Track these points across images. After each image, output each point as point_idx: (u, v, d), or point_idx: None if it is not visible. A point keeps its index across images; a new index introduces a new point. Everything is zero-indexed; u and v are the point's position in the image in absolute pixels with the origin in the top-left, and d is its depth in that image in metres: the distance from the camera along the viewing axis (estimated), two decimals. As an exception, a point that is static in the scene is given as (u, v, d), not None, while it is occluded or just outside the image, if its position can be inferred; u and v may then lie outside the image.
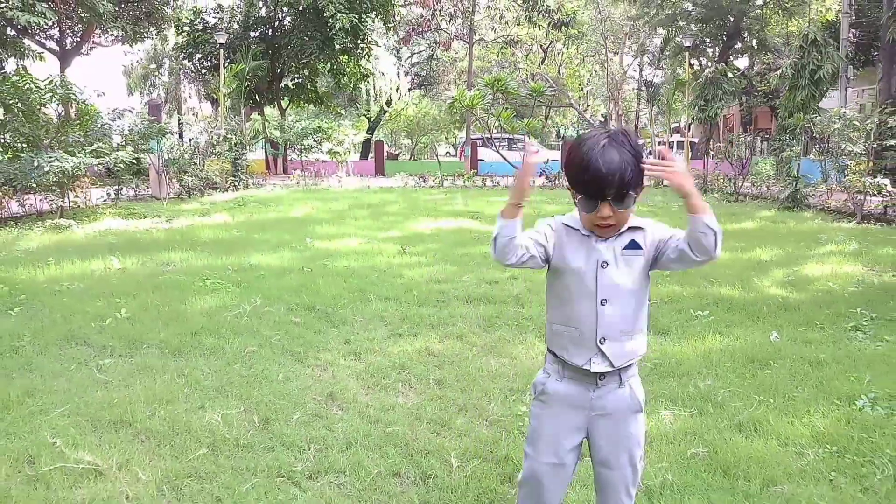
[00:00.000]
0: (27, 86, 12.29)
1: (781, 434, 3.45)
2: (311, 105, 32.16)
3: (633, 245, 2.14)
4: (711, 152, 22.43)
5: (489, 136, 24.69)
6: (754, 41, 30.09)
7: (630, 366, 2.19)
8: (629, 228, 2.13)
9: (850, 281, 7.05)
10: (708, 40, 30.22)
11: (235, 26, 27.38)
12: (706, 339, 5.07)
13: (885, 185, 12.58)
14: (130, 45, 27.76)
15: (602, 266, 2.11)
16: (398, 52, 38.13)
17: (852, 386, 4.07)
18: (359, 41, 26.15)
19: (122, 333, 5.00)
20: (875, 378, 4.19)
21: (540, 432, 2.22)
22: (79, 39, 22.76)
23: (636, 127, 43.73)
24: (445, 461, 3.15)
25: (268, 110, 31.38)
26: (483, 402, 3.89)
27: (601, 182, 1.99)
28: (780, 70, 22.32)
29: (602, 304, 2.10)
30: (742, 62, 34.45)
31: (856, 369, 4.36)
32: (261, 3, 27.09)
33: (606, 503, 2.27)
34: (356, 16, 22.82)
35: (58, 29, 21.83)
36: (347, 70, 28.47)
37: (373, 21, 26.84)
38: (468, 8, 31.50)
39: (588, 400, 2.16)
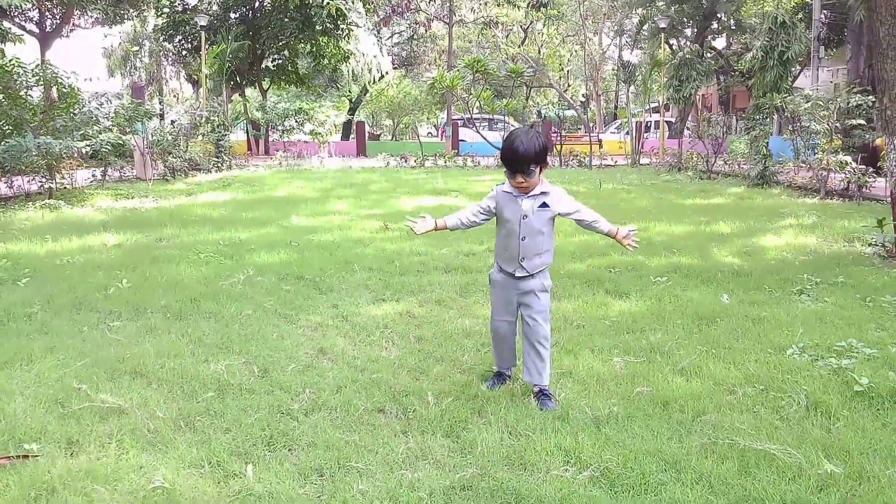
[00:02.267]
0: (13, 69, 12.53)
1: (717, 376, 3.95)
2: (293, 86, 32.28)
3: (544, 205, 3.61)
4: (687, 131, 22.99)
5: (470, 116, 25.09)
6: (731, 21, 30.57)
7: (541, 270, 3.71)
8: (542, 193, 3.59)
9: (803, 251, 7.59)
10: (685, 20, 30.64)
11: (215, 7, 27.45)
12: (661, 300, 5.58)
13: (849, 163, 13.16)
14: (110, 27, 27.77)
15: (524, 218, 3.59)
16: (378, 33, 38.21)
17: (786, 338, 4.59)
18: (339, 22, 26.32)
19: (127, 300, 5.43)
20: (807, 331, 4.71)
21: (493, 302, 3.84)
22: (59, 21, 22.76)
23: (615, 106, 44.23)
24: (423, 399, 3.62)
25: (249, 92, 31.48)
26: (458, 355, 4.36)
27: (514, 160, 3.46)
28: (752, 52, 22.84)
29: (522, 240, 3.61)
30: (720, 42, 34.97)
31: (792, 325, 4.88)
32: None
33: (531, 346, 3.67)
34: (343, 1, 22.99)
35: (38, 10, 21.84)
36: (328, 51, 28.63)
37: (353, 2, 27.01)
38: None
39: (515, 284, 3.71)
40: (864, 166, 13.27)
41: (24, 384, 3.75)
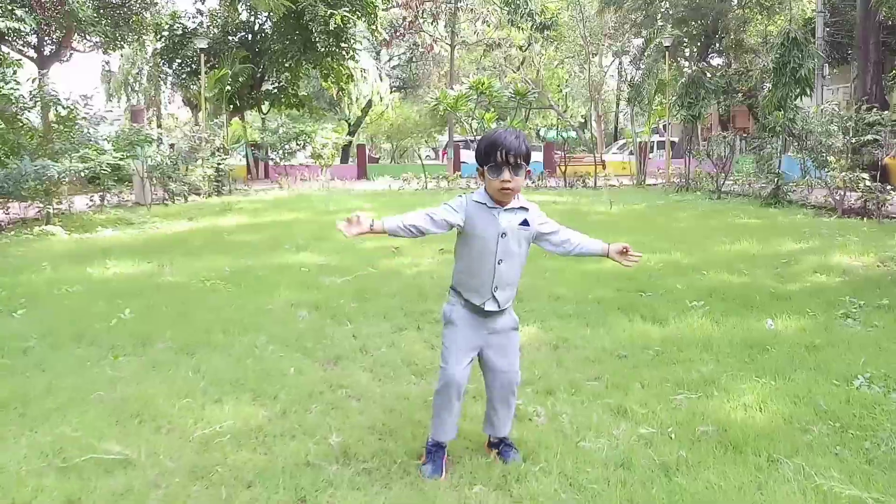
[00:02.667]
0: (12, 93, 12.23)
1: (785, 413, 3.58)
2: (293, 109, 32.08)
3: (525, 223, 2.95)
4: (694, 151, 22.74)
5: (472, 138, 24.85)
6: (732, 41, 30.49)
7: (509, 305, 3.05)
8: (521, 208, 2.95)
9: (837, 272, 7.24)
10: (687, 40, 30.57)
11: (215, 31, 27.28)
12: (704, 327, 5.21)
13: (864, 180, 12.87)
14: (111, 52, 27.58)
15: (502, 236, 2.90)
16: (378, 55, 38.17)
17: (848, 367, 4.22)
18: (342, 43, 26.15)
19: (131, 332, 5.04)
20: (869, 359, 4.34)
21: (452, 347, 2.99)
22: (57, 45, 22.54)
23: (615, 127, 44.13)
24: (467, 444, 3.24)
25: (248, 115, 31.26)
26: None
27: (508, 150, 2.80)
28: (760, 68, 22.71)
29: (499, 263, 2.92)
30: (718, 62, 34.90)
31: (850, 352, 4.51)
32: (241, 8, 27.00)
33: (501, 398, 3.08)
34: (345, 11, 22.77)
35: (36, 35, 21.62)
36: (333, 71, 28.44)
37: (355, 24, 26.86)
38: (451, 10, 31.62)
39: (483, 321, 3.00)
40: (879, 184, 12.98)
41: (18, 431, 3.36)
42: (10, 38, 20.34)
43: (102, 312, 5.58)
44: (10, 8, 18.07)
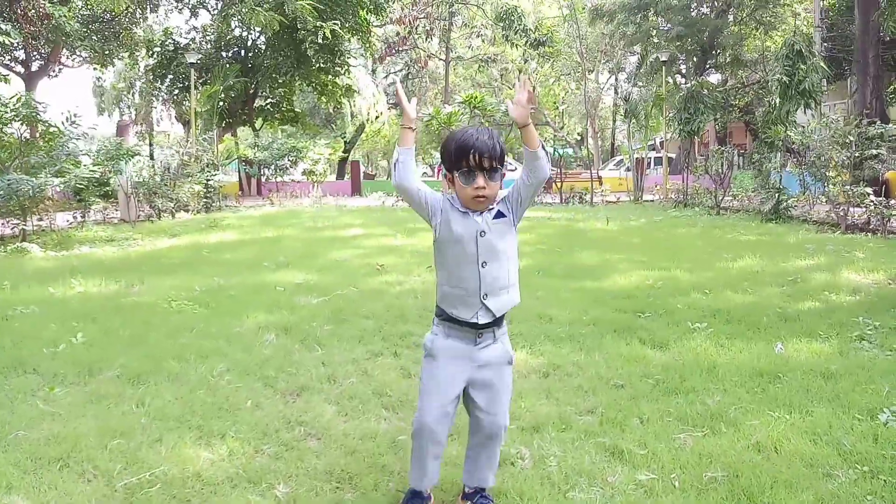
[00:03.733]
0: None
1: (805, 454, 3.12)
2: (287, 125, 31.75)
3: (500, 214, 2.59)
4: (693, 166, 22.37)
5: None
6: (729, 56, 30.27)
7: (502, 322, 2.64)
8: (499, 212, 2.58)
9: (847, 290, 6.80)
10: (682, 56, 30.34)
11: (208, 47, 26.97)
12: (708, 352, 4.75)
13: (868, 195, 12.48)
14: (101, 68, 27.29)
15: (480, 235, 2.55)
16: (373, 72, 37.92)
17: (871, 398, 3.77)
18: (335, 58, 25.83)
19: (77, 360, 4.57)
20: (893, 389, 3.89)
21: (429, 385, 2.60)
22: (45, 60, 22.20)
23: (612, 144, 43.86)
24: (440, 492, 2.78)
25: (240, 131, 30.92)
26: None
27: (481, 152, 2.47)
28: (759, 83, 22.42)
29: (483, 266, 2.55)
30: (714, 77, 34.68)
31: (871, 381, 4.07)
32: (234, 23, 26.72)
33: (484, 444, 2.68)
34: (335, 22, 22.45)
35: (24, 50, 21.28)
36: (326, 88, 28.13)
37: (348, 40, 26.58)
38: (445, 26, 31.40)
39: (470, 352, 2.58)
40: (883, 199, 12.60)
41: (-85, 480, 2.90)
42: (-4, 53, 20.03)
43: (52, 337, 5.10)
44: (-5, 22, 17.76)
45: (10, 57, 21.37)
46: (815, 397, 3.85)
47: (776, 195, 15.06)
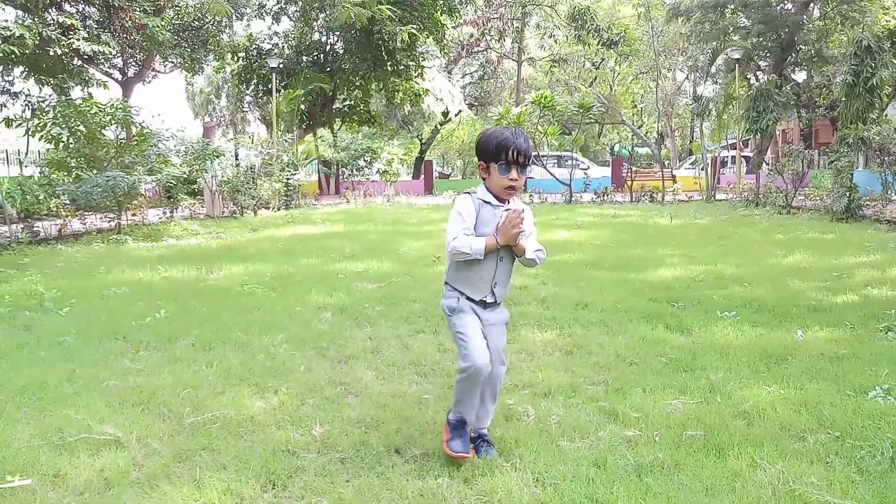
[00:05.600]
0: (91, 109, 13.00)
1: (785, 421, 3.45)
2: (365, 126, 32.77)
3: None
4: (766, 165, 22.01)
5: (537, 153, 24.79)
6: (812, 53, 29.39)
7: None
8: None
9: (890, 285, 6.88)
10: (762, 52, 29.66)
11: (288, 51, 28.19)
12: (727, 336, 5.06)
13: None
14: (191, 75, 28.92)
15: None
16: (450, 73, 38.58)
17: (867, 379, 4.03)
18: (410, 61, 26.58)
19: (159, 330, 5.28)
20: (893, 371, 4.13)
21: (469, 331, 3.02)
22: (140, 67, 23.78)
23: (690, 142, 43.09)
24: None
25: (320, 132, 32.09)
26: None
27: (519, 150, 2.95)
28: (838, 79, 21.75)
29: (500, 261, 3.06)
30: (801, 76, 33.68)
31: (875, 364, 4.30)
32: (314, 28, 27.83)
33: (489, 388, 3.11)
34: (414, 26, 23.14)
35: (121, 58, 22.87)
36: (400, 90, 28.94)
37: (425, 41, 27.27)
38: (518, 27, 31.74)
39: (481, 312, 3.09)
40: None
41: (30, 413, 3.59)
42: (97, 61, 21.58)
43: (139, 312, 5.86)
44: (96, 33, 19.21)
45: (109, 65, 23.00)
46: (815, 376, 4.13)
47: (848, 194, 14.81)
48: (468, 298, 3.08)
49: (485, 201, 3.05)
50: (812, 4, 28.85)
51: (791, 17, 27.42)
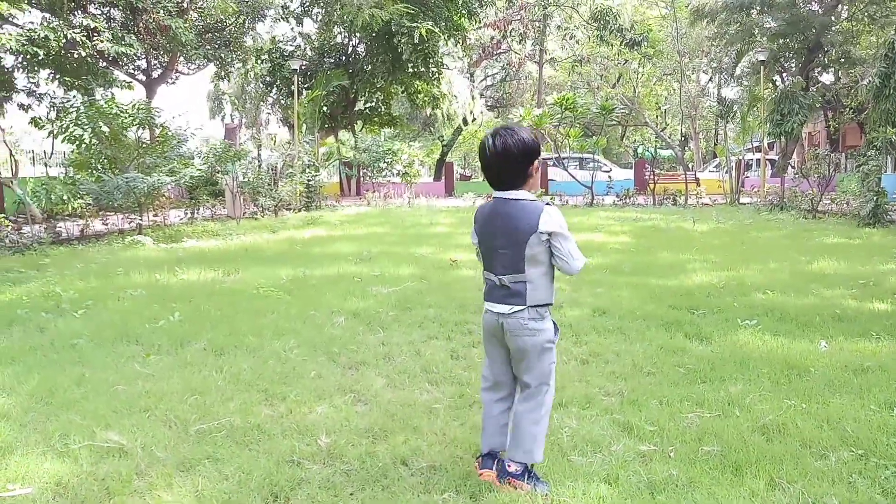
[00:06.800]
0: (113, 110, 13.09)
1: (806, 437, 3.33)
2: (385, 128, 32.80)
3: None
4: (791, 168, 21.66)
5: (559, 155, 24.62)
6: (839, 54, 28.89)
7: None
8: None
9: (919, 294, 6.69)
10: (787, 54, 29.21)
11: (311, 53, 28.28)
12: (747, 346, 4.93)
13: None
14: (218, 79, 29.08)
15: None
16: (472, 76, 38.49)
17: (894, 393, 3.89)
18: (430, 65, 26.53)
19: (172, 333, 5.26)
20: (922, 386, 3.99)
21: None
22: (164, 69, 23.99)
23: (715, 145, 42.61)
24: (454, 452, 3.20)
25: (341, 133, 32.18)
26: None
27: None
28: (866, 81, 21.34)
29: None
30: (828, 77, 33.13)
31: (903, 377, 4.16)
32: (336, 30, 27.89)
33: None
34: (429, 23, 23.07)
35: (145, 59, 23.08)
36: (420, 93, 28.93)
37: (446, 43, 27.22)
38: (539, 28, 31.58)
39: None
40: None
41: (36, 417, 3.57)
42: (121, 63, 21.79)
43: (153, 314, 5.85)
44: (120, 35, 19.38)
45: (133, 66, 23.23)
46: (839, 390, 4.00)
47: (875, 198, 14.51)
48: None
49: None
50: (840, 5, 28.36)
51: (818, 19, 26.96)
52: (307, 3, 27.15)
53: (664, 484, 2.87)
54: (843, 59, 28.78)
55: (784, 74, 30.38)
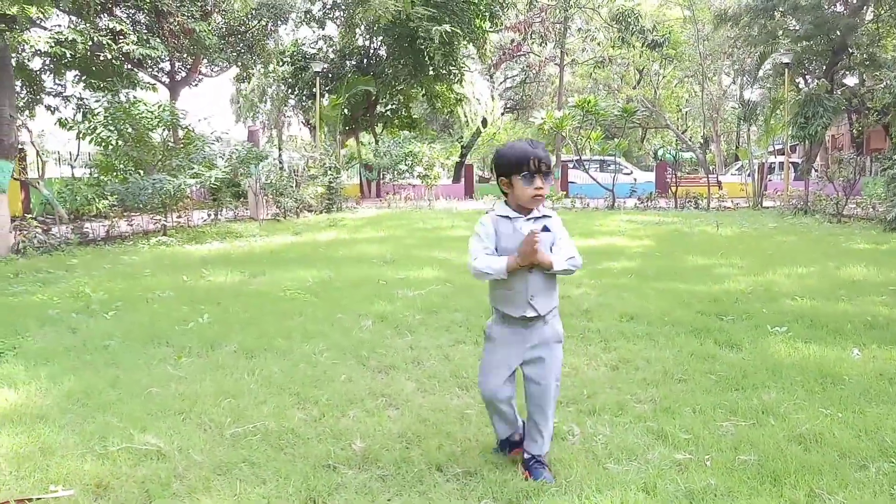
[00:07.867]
0: (139, 111, 13.24)
1: (844, 447, 3.29)
2: (406, 130, 32.88)
3: (546, 228, 2.96)
4: (815, 172, 21.44)
5: (579, 158, 24.54)
6: (865, 57, 28.55)
7: (554, 315, 3.05)
8: (543, 216, 3.00)
9: (952, 301, 6.60)
10: (812, 57, 28.91)
11: (333, 56, 28.44)
12: (779, 354, 4.88)
13: None
14: (240, 82, 29.33)
15: None
16: (491, 77, 38.48)
17: (933, 403, 3.84)
18: (451, 67, 26.56)
19: (202, 335, 5.31)
20: (960, 396, 3.93)
21: (485, 365, 3.12)
22: (188, 71, 24.21)
23: (736, 147, 42.28)
24: (489, 458, 3.20)
25: (362, 136, 32.31)
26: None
27: (540, 158, 2.92)
28: (887, 83, 21.07)
29: (531, 272, 2.93)
30: (852, 80, 32.75)
31: (941, 386, 4.10)
32: (357, 33, 28.02)
33: (534, 412, 3.04)
34: (449, 26, 23.09)
35: (169, 62, 23.32)
36: (440, 95, 28.97)
37: (465, 47, 27.24)
38: (560, 30, 31.50)
39: (524, 337, 3.00)
40: None
41: (73, 419, 3.61)
42: (146, 65, 22.02)
43: (182, 316, 5.90)
44: (145, 38, 19.59)
45: (157, 68, 23.48)
46: (875, 398, 3.95)
47: (902, 203, 14.33)
48: (508, 318, 3.01)
49: (501, 216, 3.00)
50: (865, 7, 28.02)
51: (843, 21, 26.65)
52: (329, 6, 27.29)
53: (702, 493, 2.84)
54: (868, 62, 28.44)
55: (808, 77, 30.09)
